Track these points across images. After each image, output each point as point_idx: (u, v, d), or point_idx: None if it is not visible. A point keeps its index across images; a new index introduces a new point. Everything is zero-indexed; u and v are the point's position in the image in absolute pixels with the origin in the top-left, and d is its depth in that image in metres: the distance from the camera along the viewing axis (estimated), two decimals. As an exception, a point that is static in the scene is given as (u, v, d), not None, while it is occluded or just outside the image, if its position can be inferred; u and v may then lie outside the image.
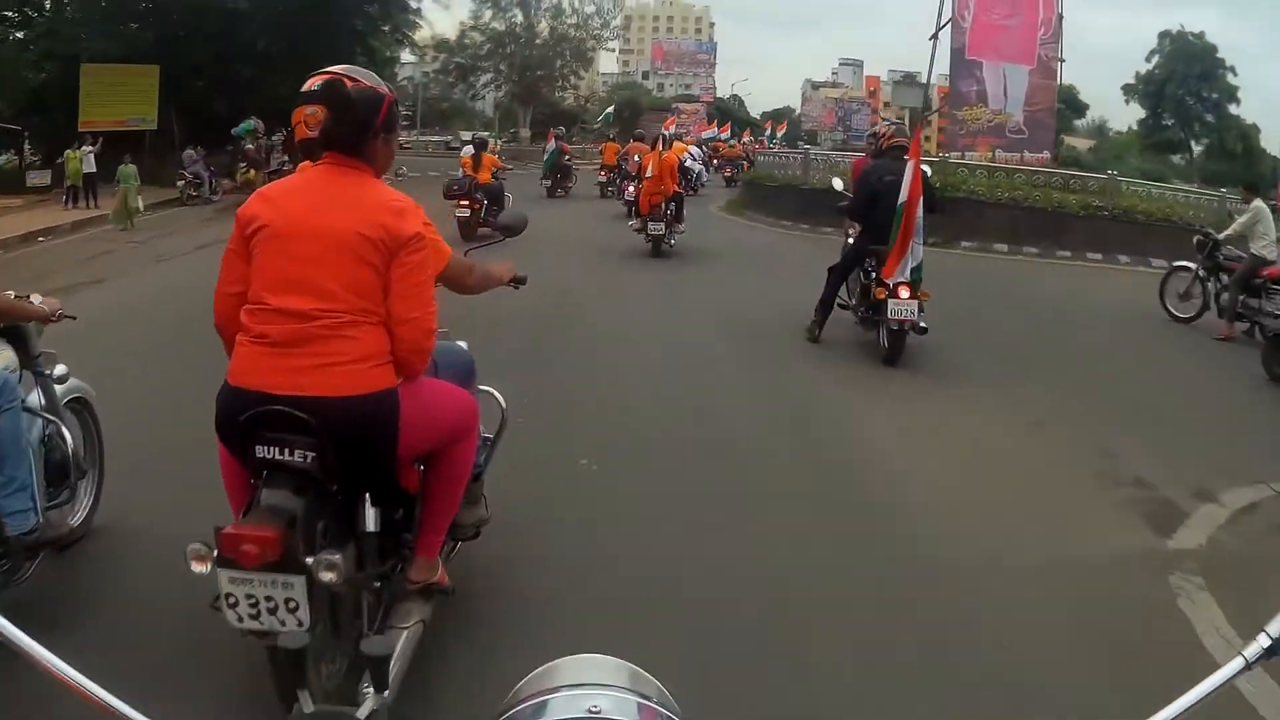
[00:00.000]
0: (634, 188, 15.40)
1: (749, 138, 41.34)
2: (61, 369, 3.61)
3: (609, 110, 43.83)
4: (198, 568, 2.18)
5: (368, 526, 2.53)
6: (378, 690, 0.86)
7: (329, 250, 2.38)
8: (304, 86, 2.70)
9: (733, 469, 4.91)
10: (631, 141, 20.21)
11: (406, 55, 45.77)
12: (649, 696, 0.81)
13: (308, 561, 2.21)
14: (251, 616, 2.21)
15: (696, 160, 25.69)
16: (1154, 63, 52.55)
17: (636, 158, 16.94)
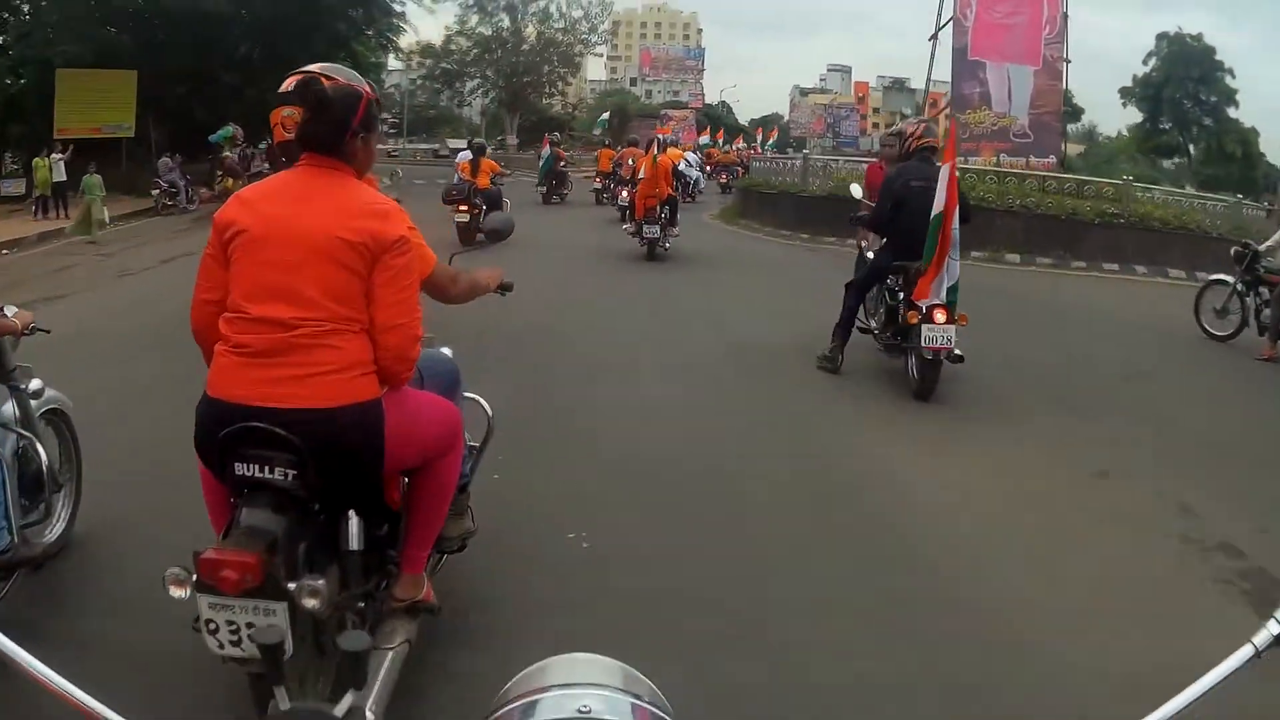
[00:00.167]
0: (627, 192, 15.65)
1: (741, 144, 41.49)
2: (37, 383, 3.58)
3: (604, 117, 44.16)
4: (176, 592, 2.15)
5: (352, 544, 2.49)
6: (355, 687, 0.87)
7: (309, 256, 2.34)
8: (281, 87, 2.68)
9: (747, 531, 4.31)
10: (626, 147, 20.53)
11: (394, 62, 46.01)
12: (641, 696, 0.81)
13: (290, 587, 2.18)
14: (233, 643, 2.18)
15: (693, 166, 25.81)
16: (1151, 65, 52.34)
17: (630, 161, 17.38)
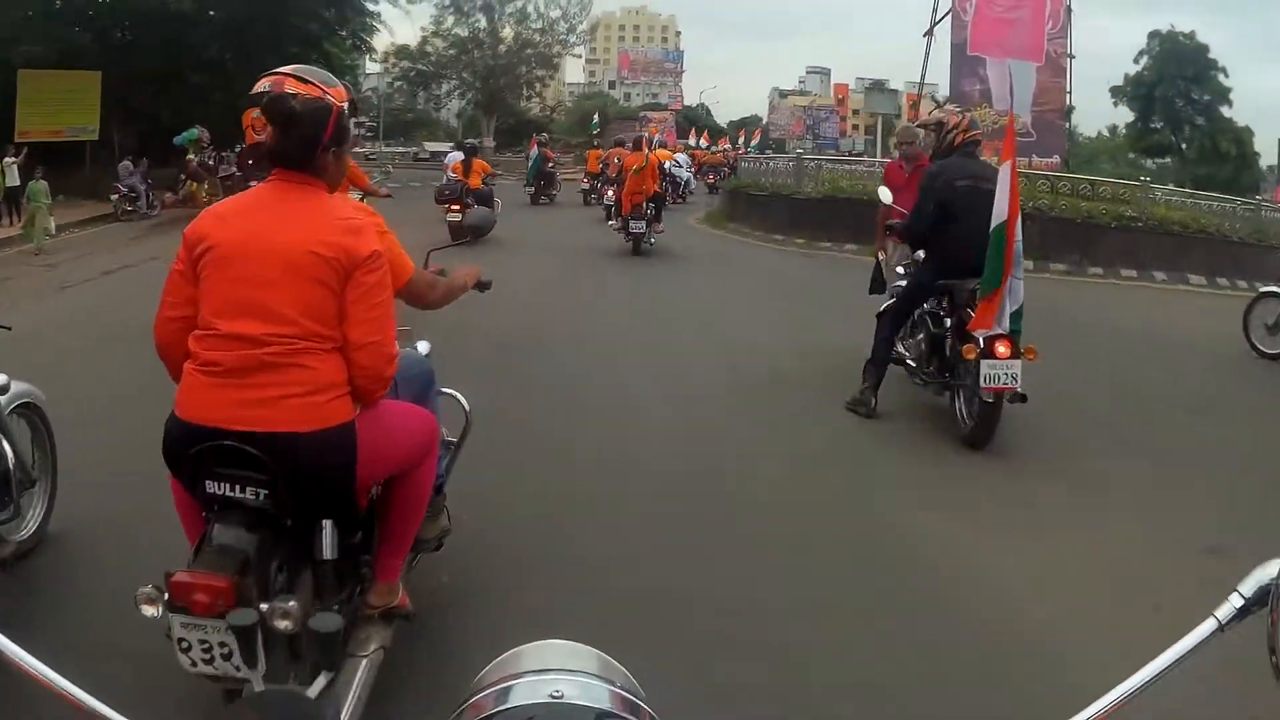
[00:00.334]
0: (613, 191, 16.67)
1: (726, 145, 41.52)
2: (1, 379, 3.50)
3: (595, 119, 45.07)
4: (148, 611, 2.17)
5: (325, 553, 2.54)
6: (327, 669, 0.94)
7: (282, 272, 2.36)
8: (254, 88, 2.69)
9: (748, 572, 3.81)
10: (614, 147, 20.79)
11: (371, 65, 45.71)
12: (614, 682, 0.81)
13: (262, 608, 2.19)
14: (205, 661, 2.23)
15: (683, 167, 25.79)
16: (1143, 64, 52.28)
17: (617, 160, 18.00)
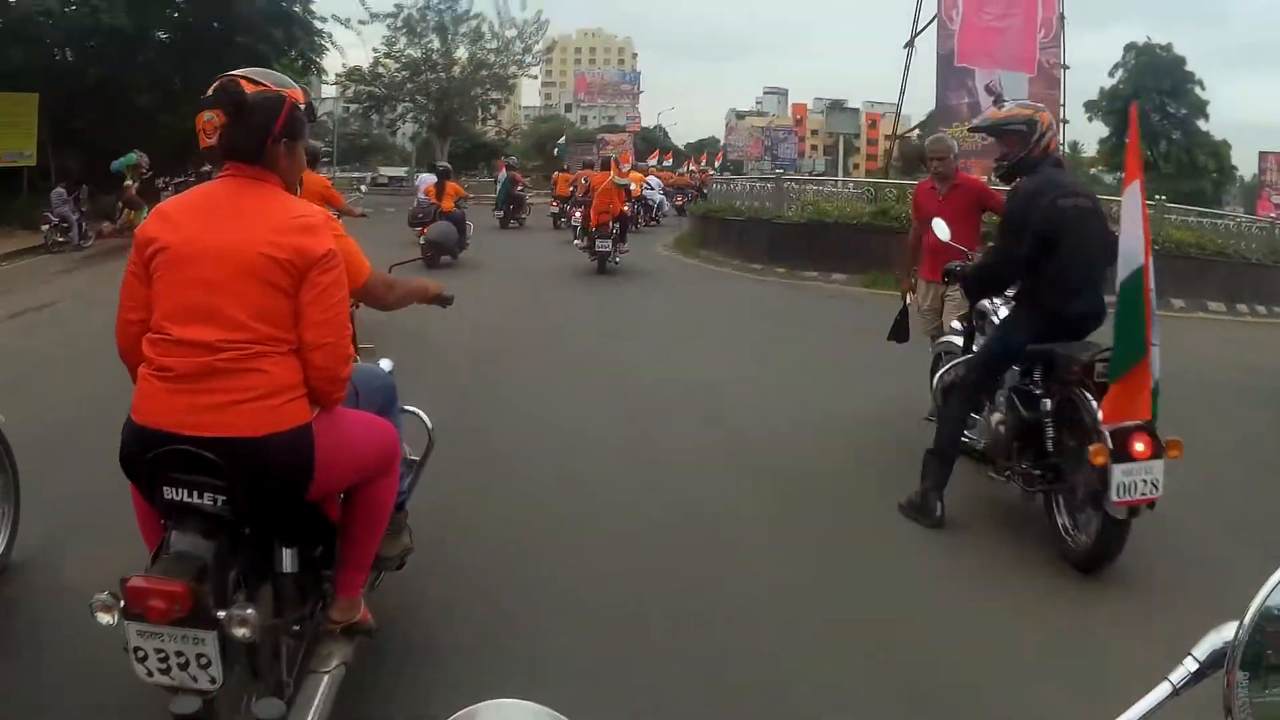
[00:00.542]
0: (580, 212, 17.14)
1: (693, 165, 41.69)
2: None
3: (561, 141, 46.17)
4: (104, 618, 2.19)
5: (285, 566, 2.57)
6: None
7: (234, 274, 2.36)
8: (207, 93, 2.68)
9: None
10: (581, 169, 21.53)
11: (326, 90, 45.20)
12: None
13: (220, 616, 2.22)
14: (161, 671, 2.23)
15: (656, 190, 25.79)
16: (1118, 77, 52.34)
17: (585, 180, 18.53)
